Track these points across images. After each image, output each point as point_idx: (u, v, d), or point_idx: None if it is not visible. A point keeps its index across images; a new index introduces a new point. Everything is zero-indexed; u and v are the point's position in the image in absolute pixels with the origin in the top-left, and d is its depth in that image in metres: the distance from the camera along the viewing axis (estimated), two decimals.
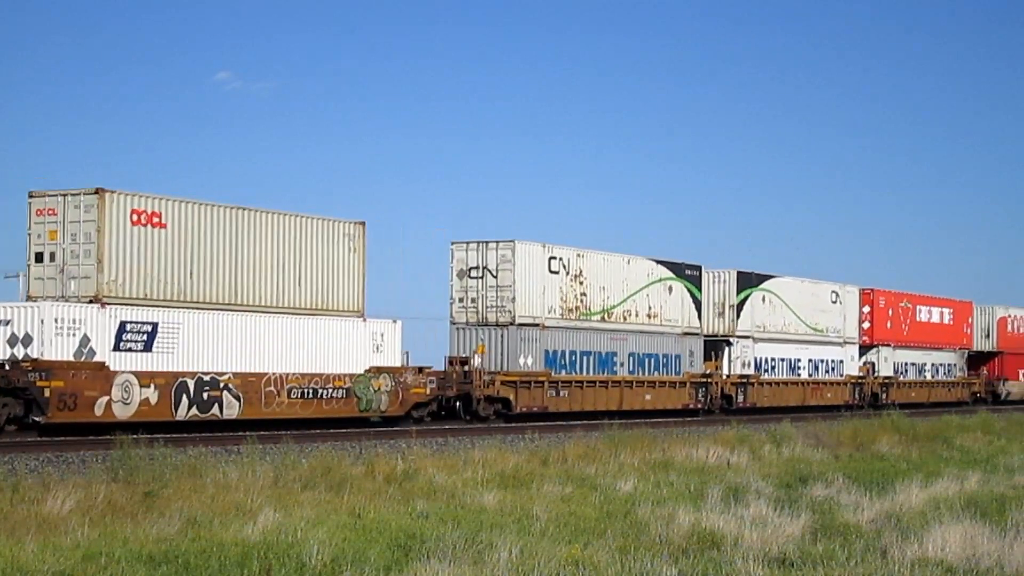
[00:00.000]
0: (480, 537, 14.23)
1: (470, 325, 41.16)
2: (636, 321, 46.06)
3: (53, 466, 22.39)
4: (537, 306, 41.63)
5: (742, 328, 52.12)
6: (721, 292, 51.95)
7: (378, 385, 36.22)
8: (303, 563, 12.73)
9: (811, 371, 56.78)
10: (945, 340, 67.94)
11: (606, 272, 44.88)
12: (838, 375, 58.48)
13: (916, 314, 64.97)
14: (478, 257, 41.36)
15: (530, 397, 40.86)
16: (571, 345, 43.03)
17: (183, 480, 19.09)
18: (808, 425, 36.24)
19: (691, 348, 48.87)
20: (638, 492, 20.29)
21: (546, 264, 42.05)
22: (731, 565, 13.35)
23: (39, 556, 12.64)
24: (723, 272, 52.05)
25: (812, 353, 56.69)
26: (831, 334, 57.88)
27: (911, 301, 64.91)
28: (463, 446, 28.49)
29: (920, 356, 65.62)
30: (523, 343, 40.96)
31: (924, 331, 65.79)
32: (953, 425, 38.66)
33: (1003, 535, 15.11)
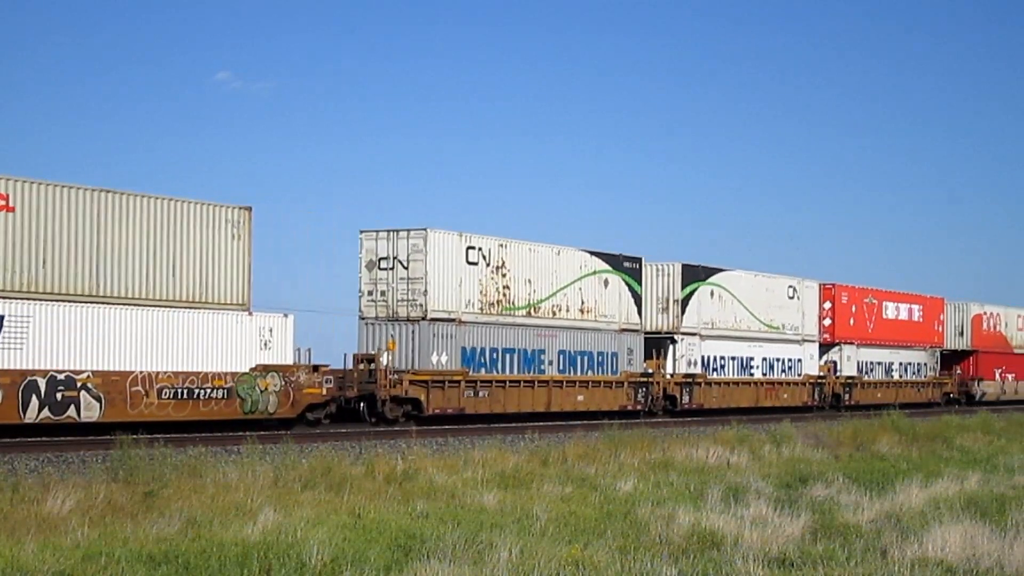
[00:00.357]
0: (480, 537, 14.23)
1: (380, 320, 38.33)
2: (567, 316, 43.01)
3: (53, 466, 22.40)
4: (453, 300, 38.67)
5: (688, 324, 48.88)
6: (664, 286, 48.67)
7: (265, 385, 33.23)
8: (303, 563, 12.73)
9: (765, 370, 53.31)
10: (914, 338, 64.92)
11: (533, 264, 41.72)
12: (796, 375, 55.15)
13: (882, 311, 61.98)
14: (388, 247, 38.48)
15: (444, 398, 37.90)
16: (492, 342, 40.07)
17: (183, 480, 19.10)
18: (808, 425, 36.24)
19: (630, 345, 45.76)
20: (638, 492, 20.29)
21: (463, 254, 39.08)
22: (731, 565, 13.35)
23: (39, 556, 12.65)
24: (667, 265, 48.83)
25: (767, 351, 53.42)
26: (788, 331, 54.75)
27: (877, 297, 61.77)
28: (463, 446, 28.50)
29: (887, 355, 62.50)
30: (436, 339, 38.03)
31: (891, 329, 62.76)
32: (953, 425, 38.66)
33: (1003, 535, 15.11)
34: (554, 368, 42.19)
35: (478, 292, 39.49)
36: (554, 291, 42.63)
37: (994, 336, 72.48)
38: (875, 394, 60.32)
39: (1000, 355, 72.59)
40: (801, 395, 54.89)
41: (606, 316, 44.90)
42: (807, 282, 56.39)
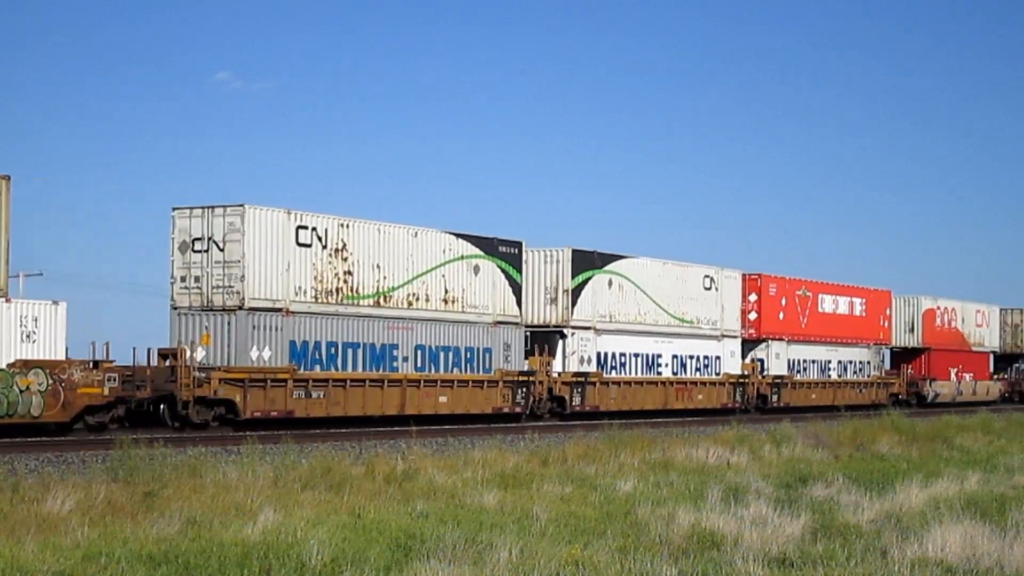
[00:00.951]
0: (480, 537, 14.23)
1: (193, 310, 33.61)
2: (426, 307, 37.84)
3: (53, 466, 22.40)
4: (278, 286, 33.84)
5: (580, 317, 43.74)
6: (553, 274, 43.43)
7: (26, 383, 28.57)
8: (303, 563, 12.73)
9: (676, 369, 48.46)
10: (856, 334, 60.01)
11: (382, 247, 36.71)
12: (713, 374, 50.37)
13: (818, 304, 57.16)
14: (203, 226, 33.66)
15: (266, 399, 33.13)
16: (330, 335, 35.22)
17: (183, 480, 19.10)
18: (808, 425, 36.24)
19: (507, 340, 40.54)
20: (638, 492, 20.28)
21: (292, 234, 34.20)
22: (731, 565, 13.35)
23: (39, 556, 12.64)
24: (555, 251, 43.63)
25: (678, 348, 48.49)
26: (704, 326, 49.91)
27: (811, 289, 56.91)
28: (463, 446, 28.51)
29: (824, 352, 57.70)
30: (258, 332, 33.26)
31: (829, 324, 57.95)
32: (953, 425, 38.66)
33: (1003, 535, 15.10)
34: (409, 365, 37.25)
35: (311, 278, 34.75)
36: (410, 278, 37.56)
37: (949, 333, 68.02)
38: (809, 395, 56.16)
39: (956, 353, 68.36)
40: (719, 396, 50.42)
41: (476, 307, 39.80)
42: (727, 272, 51.74)
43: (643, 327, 46.96)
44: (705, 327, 50.10)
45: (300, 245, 34.46)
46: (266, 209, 33.77)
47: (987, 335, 72.29)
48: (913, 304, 65.83)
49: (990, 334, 72.58)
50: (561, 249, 43.53)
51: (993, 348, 73.45)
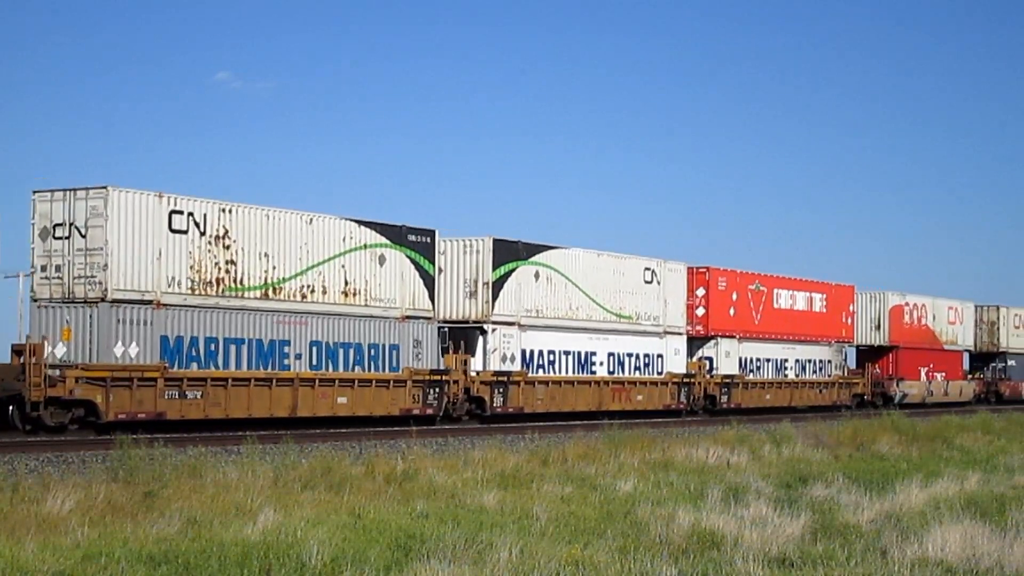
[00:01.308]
0: (480, 537, 14.23)
1: (55, 302, 30.90)
2: (323, 300, 34.95)
3: (53, 466, 22.39)
4: (148, 277, 30.99)
5: (503, 312, 40.28)
6: (472, 265, 40.22)
7: None
8: (303, 563, 12.73)
9: (613, 367, 45.00)
10: (815, 332, 56.59)
11: (271, 234, 33.69)
12: (655, 373, 46.84)
13: (774, 299, 53.70)
14: (65, 211, 30.89)
15: (132, 400, 30.33)
16: (209, 330, 32.23)
17: (183, 480, 19.10)
18: (808, 425, 36.25)
19: (417, 336, 37.46)
20: (638, 492, 20.29)
21: (164, 220, 31.34)
22: (731, 565, 13.36)
23: (39, 556, 12.65)
24: (474, 241, 40.33)
25: (615, 345, 45.06)
26: (645, 322, 46.37)
27: (766, 284, 53.40)
28: (463, 446, 28.51)
29: (780, 350, 54.16)
30: (123, 326, 30.54)
31: (785, 320, 54.42)
32: (953, 425, 38.68)
33: (1003, 535, 15.12)
34: (303, 363, 34.40)
35: (187, 267, 31.75)
36: (304, 268, 34.54)
37: (919, 330, 64.42)
38: (762, 396, 52.51)
39: (927, 352, 64.91)
40: (662, 397, 46.76)
41: (382, 300, 36.65)
42: (671, 264, 48.00)
43: (575, 323, 43.51)
44: (646, 323, 46.58)
45: (174, 231, 31.58)
46: (134, 192, 31.02)
47: (961, 333, 68.99)
48: (879, 300, 62.40)
49: (964, 332, 69.31)
50: (481, 239, 40.26)
51: (967, 346, 70.30)
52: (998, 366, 73.12)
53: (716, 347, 50.63)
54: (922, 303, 64.98)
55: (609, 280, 45.05)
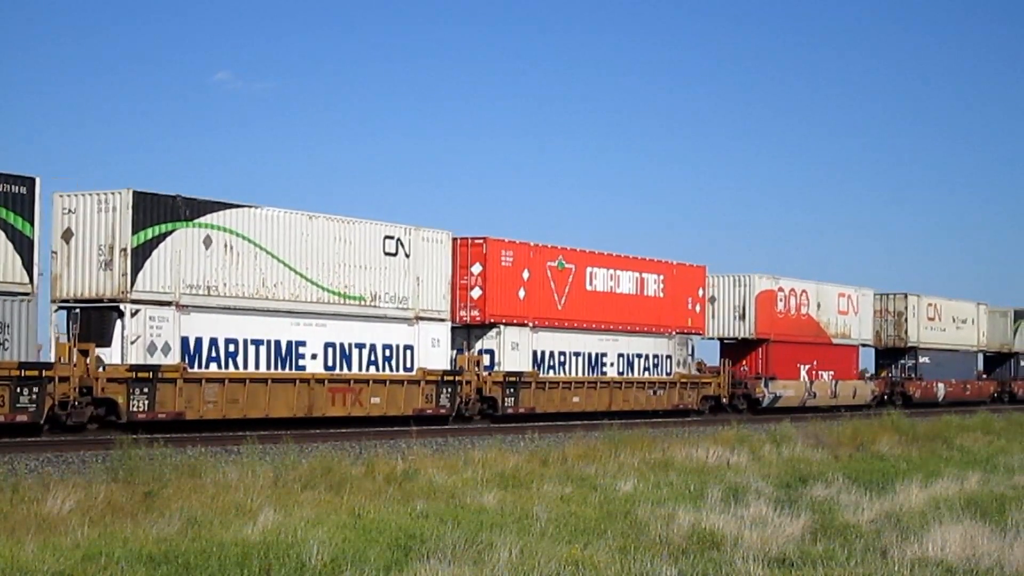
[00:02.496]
0: (480, 537, 14.23)
1: None
2: None
3: (53, 466, 22.40)
4: None
5: (149, 288, 31.02)
6: (107, 226, 30.91)
7: None
8: (303, 563, 12.73)
9: (334, 362, 35.12)
10: (649, 320, 46.21)
11: None
12: (402, 368, 36.76)
13: (586, 280, 43.53)
14: None
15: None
16: None
17: (183, 480, 19.11)
18: (808, 425, 36.24)
19: (6, 319, 27.79)
20: (638, 492, 20.30)
21: None
22: (731, 565, 13.36)
23: (39, 556, 12.64)
24: (110, 195, 30.97)
25: (335, 333, 35.19)
26: (386, 304, 36.36)
27: (574, 260, 43.16)
28: (463, 446, 28.51)
29: (596, 343, 43.89)
30: None
31: (603, 306, 44.15)
32: (953, 425, 38.68)
33: (1003, 535, 15.12)
34: None
35: None
36: None
37: (798, 321, 54.66)
38: (567, 398, 42.03)
39: (809, 346, 55.20)
40: (410, 399, 36.52)
41: None
42: (427, 232, 37.70)
43: (272, 304, 33.83)
44: (387, 306, 36.40)
45: None
46: None
47: (855, 325, 59.01)
48: (743, 285, 52.45)
49: (860, 324, 59.36)
50: (119, 192, 31.00)
51: (865, 340, 60.33)
52: (907, 364, 63.35)
53: (498, 337, 40.39)
54: (802, 289, 55.34)
55: (329, 250, 34.93)
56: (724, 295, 52.67)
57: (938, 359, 65.11)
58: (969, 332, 68.64)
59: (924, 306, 64.25)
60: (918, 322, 63.32)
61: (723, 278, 52.71)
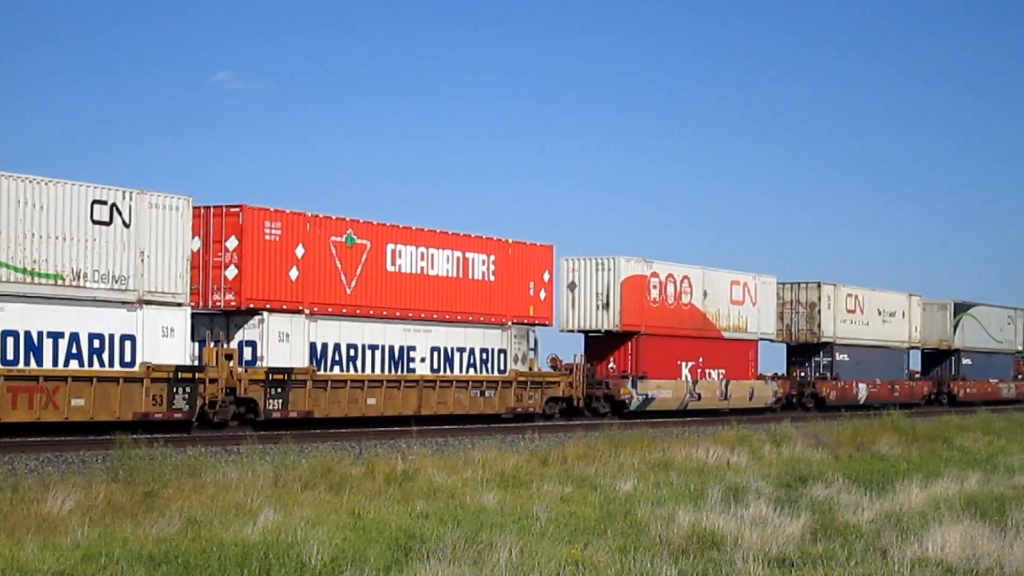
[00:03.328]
0: (480, 537, 14.24)
1: None
2: None
3: (53, 466, 22.41)
4: None
5: None
6: None
7: None
8: (303, 563, 12.74)
9: (19, 353, 27.23)
10: (475, 308, 38.75)
11: None
12: (118, 364, 28.87)
13: (387, 259, 36.19)
14: None
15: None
16: None
17: (183, 480, 19.12)
18: (808, 425, 36.26)
19: None
20: (638, 492, 20.31)
21: None
22: (731, 565, 13.36)
23: (39, 556, 12.65)
24: None
25: (24, 319, 27.42)
26: (94, 285, 28.61)
27: (369, 235, 35.84)
28: (463, 446, 28.53)
29: (400, 334, 36.27)
30: None
31: (410, 290, 36.76)
32: (953, 425, 38.70)
33: (1003, 535, 15.13)
34: None
35: None
36: None
37: (678, 311, 46.56)
38: (358, 400, 34.29)
39: (694, 340, 47.22)
40: (130, 401, 28.54)
41: None
42: (155, 197, 30.02)
43: None
44: (96, 287, 28.80)
45: None
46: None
47: (753, 317, 50.74)
48: (606, 268, 44.26)
49: (759, 315, 51.14)
50: None
51: (766, 335, 52.08)
52: (821, 362, 56.03)
53: (261, 326, 33.22)
54: (683, 275, 47.24)
55: (12, 216, 27.38)
56: (585, 281, 44.53)
57: (859, 356, 57.34)
58: (899, 326, 60.62)
59: (842, 296, 56.38)
60: (834, 314, 55.36)
61: (584, 261, 44.57)
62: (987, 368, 68.58)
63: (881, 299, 59.77)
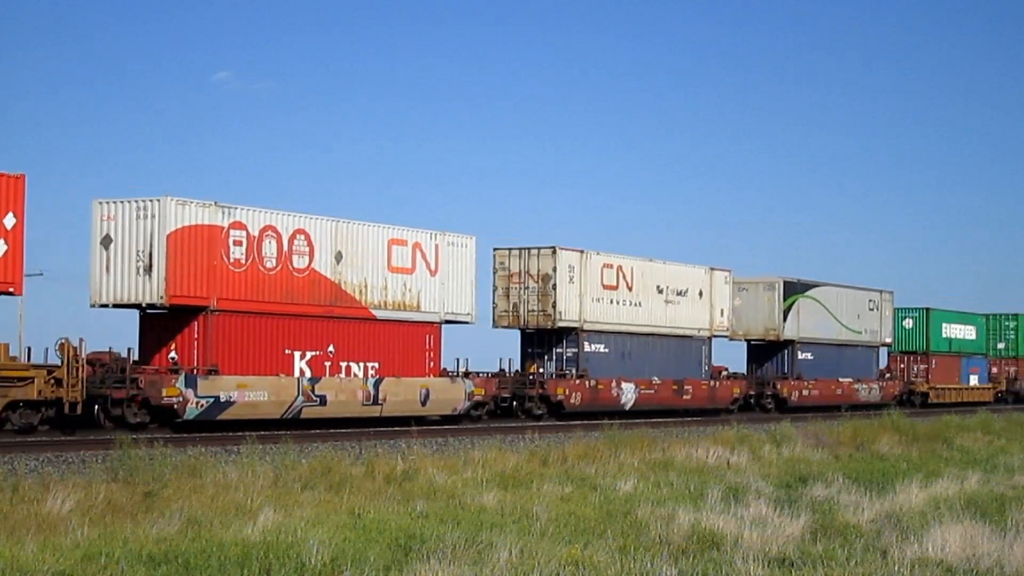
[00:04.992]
0: (480, 537, 14.23)
1: None
2: None
3: (53, 466, 22.40)
4: None
5: None
6: None
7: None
8: (303, 563, 12.73)
9: None
10: None
11: None
12: None
13: None
14: None
15: None
16: None
17: (183, 480, 19.11)
18: (807, 425, 36.23)
19: None
20: (638, 492, 20.30)
21: None
22: (731, 565, 13.36)
23: (39, 556, 12.65)
24: None
25: None
26: None
27: None
28: (463, 446, 28.51)
29: None
30: None
31: None
32: (953, 425, 38.68)
33: (1003, 535, 15.12)
34: None
35: None
36: None
37: (284, 279, 33.57)
38: None
39: (314, 321, 34.14)
40: None
41: None
42: None
43: None
44: None
45: None
46: None
47: (434, 290, 37.50)
48: (149, 215, 31.37)
49: (446, 289, 37.93)
50: None
51: (459, 315, 38.34)
52: (565, 353, 42.83)
53: None
54: (296, 228, 34.03)
55: None
56: (123, 234, 31.68)
57: (627, 347, 44.67)
58: (693, 309, 47.41)
59: (595, 267, 42.94)
60: (580, 291, 42.16)
61: (122, 205, 31.74)
62: (835, 365, 55.68)
63: (664, 273, 46.31)
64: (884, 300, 59.73)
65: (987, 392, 67.95)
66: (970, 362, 66.87)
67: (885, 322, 59.63)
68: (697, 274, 48.43)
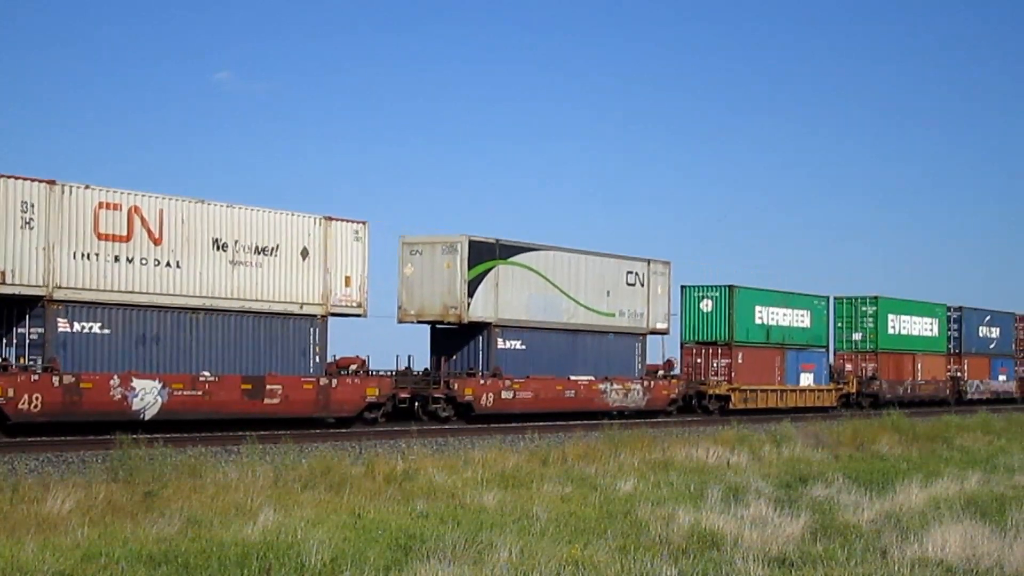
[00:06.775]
0: (480, 537, 14.23)
1: None
2: None
3: (53, 466, 22.40)
4: None
5: None
6: None
7: None
8: (303, 563, 12.73)
9: None
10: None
11: None
12: None
13: None
14: None
15: None
16: None
17: (183, 480, 19.11)
18: (807, 425, 36.22)
19: None
20: (638, 492, 20.29)
21: None
22: (731, 565, 13.35)
23: (39, 556, 12.65)
24: None
25: None
26: None
27: None
28: (463, 446, 28.51)
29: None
30: None
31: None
32: (953, 425, 38.66)
33: (1003, 535, 15.12)
34: None
35: None
36: None
37: None
38: None
39: None
40: None
41: None
42: None
43: None
44: None
45: None
46: None
47: None
48: None
49: None
50: None
51: None
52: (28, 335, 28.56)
53: None
54: None
55: None
56: None
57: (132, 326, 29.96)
58: (288, 275, 33.13)
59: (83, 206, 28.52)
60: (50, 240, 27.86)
61: None
62: (567, 358, 41.28)
63: (233, 222, 31.80)
64: (654, 273, 44.69)
65: (827, 395, 54.24)
66: (801, 356, 52.96)
67: (656, 302, 44.74)
68: (301, 225, 33.69)
